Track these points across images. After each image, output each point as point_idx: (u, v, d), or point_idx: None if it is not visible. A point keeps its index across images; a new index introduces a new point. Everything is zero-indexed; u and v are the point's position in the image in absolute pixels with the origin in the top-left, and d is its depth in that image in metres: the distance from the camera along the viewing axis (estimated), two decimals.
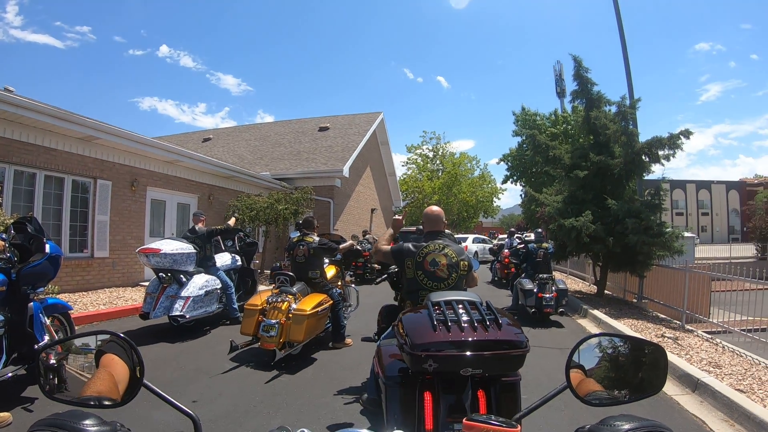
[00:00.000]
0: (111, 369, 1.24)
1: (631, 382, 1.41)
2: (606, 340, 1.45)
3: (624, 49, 13.18)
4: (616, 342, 1.45)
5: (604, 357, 1.43)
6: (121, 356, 1.26)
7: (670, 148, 11.68)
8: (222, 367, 6.24)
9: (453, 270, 3.89)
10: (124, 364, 1.25)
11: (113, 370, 1.23)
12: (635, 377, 1.41)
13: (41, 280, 5.13)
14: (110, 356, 1.26)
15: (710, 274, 9.42)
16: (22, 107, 9.32)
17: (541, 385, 5.45)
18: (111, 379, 1.21)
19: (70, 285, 10.61)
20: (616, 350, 1.44)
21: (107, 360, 1.26)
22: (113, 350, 1.27)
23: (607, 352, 1.44)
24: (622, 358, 1.44)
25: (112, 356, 1.26)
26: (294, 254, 7.41)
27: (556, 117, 41.28)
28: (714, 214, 62.69)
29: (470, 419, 1.10)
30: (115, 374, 1.23)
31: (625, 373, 1.42)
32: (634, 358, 1.44)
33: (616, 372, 1.43)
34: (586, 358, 1.42)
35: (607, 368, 1.42)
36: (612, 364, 1.43)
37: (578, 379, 1.39)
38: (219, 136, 31.93)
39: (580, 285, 16.54)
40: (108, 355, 1.26)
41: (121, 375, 1.23)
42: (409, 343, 2.32)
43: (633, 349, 1.45)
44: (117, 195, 12.32)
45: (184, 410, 1.22)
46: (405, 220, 4.72)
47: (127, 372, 1.24)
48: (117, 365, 1.24)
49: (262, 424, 4.45)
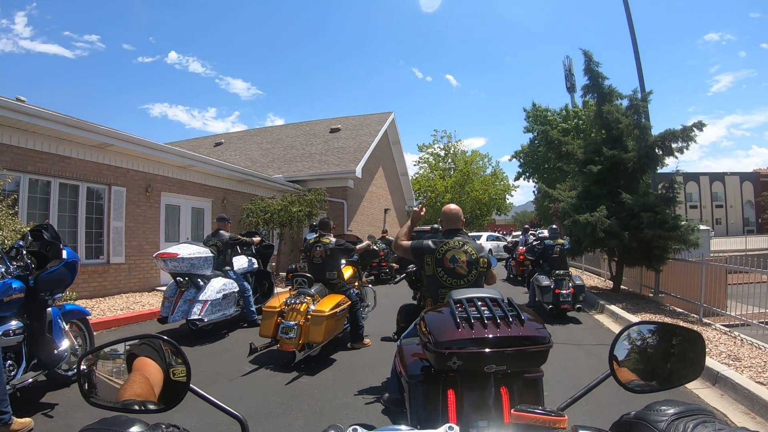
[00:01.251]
0: (145, 372, 1.23)
1: (670, 369, 1.41)
2: (645, 327, 1.46)
3: (634, 41, 13.11)
4: (655, 329, 1.46)
5: (643, 345, 1.44)
6: (154, 358, 1.26)
7: (684, 141, 11.63)
8: (241, 369, 6.26)
9: (473, 267, 3.90)
10: (158, 366, 1.25)
11: (147, 372, 1.23)
12: (673, 364, 1.42)
13: (59, 286, 5.15)
14: (143, 359, 1.26)
15: (726, 266, 9.36)
16: (35, 116, 9.40)
17: (560, 381, 5.45)
18: (146, 382, 1.21)
19: (86, 291, 10.68)
20: (656, 337, 1.45)
21: (140, 363, 1.25)
22: (145, 353, 1.27)
23: (645, 340, 1.44)
24: (659, 345, 1.44)
25: (145, 359, 1.26)
26: (311, 255, 7.42)
27: (567, 112, 41.27)
28: (728, 206, 62.30)
29: (518, 410, 1.11)
30: (149, 377, 1.23)
31: (664, 360, 1.43)
32: (673, 345, 1.44)
33: (655, 359, 1.43)
34: (625, 347, 1.43)
35: (646, 356, 1.43)
36: (651, 351, 1.43)
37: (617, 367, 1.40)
38: (231, 140, 32.04)
39: (596, 281, 16.49)
40: (141, 358, 1.26)
41: (155, 378, 1.23)
42: (432, 341, 2.32)
43: (671, 336, 1.46)
44: (132, 201, 12.39)
45: (232, 413, 1.22)
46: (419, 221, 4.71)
47: (161, 375, 1.24)
48: (150, 368, 1.24)
49: (284, 425, 4.47)
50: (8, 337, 4.54)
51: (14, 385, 4.51)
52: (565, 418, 1.08)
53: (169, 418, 1.06)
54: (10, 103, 9.10)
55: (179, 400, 1.23)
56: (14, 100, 9.35)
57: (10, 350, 4.58)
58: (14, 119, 9.12)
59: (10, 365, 4.54)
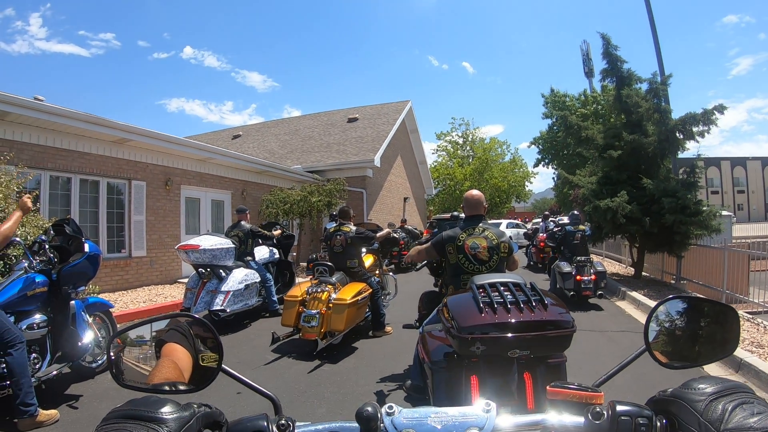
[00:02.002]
0: (173, 357, 1.23)
1: (706, 343, 1.40)
2: (679, 303, 1.44)
3: (652, 24, 12.97)
4: (690, 305, 1.45)
5: (679, 320, 1.42)
6: (182, 344, 1.26)
7: (705, 125, 11.49)
8: (264, 359, 6.30)
9: (494, 252, 3.90)
10: (186, 351, 1.24)
11: (176, 358, 1.22)
12: (709, 339, 1.41)
13: (81, 279, 5.20)
14: (171, 345, 1.25)
15: (749, 252, 9.26)
16: (54, 114, 9.50)
17: (581, 368, 5.42)
18: (175, 367, 1.21)
19: (109, 285, 10.79)
20: (690, 313, 1.43)
21: (169, 349, 1.25)
22: (173, 338, 1.26)
23: (681, 315, 1.43)
24: (696, 320, 1.43)
25: (173, 345, 1.25)
26: (331, 244, 7.45)
27: (586, 97, 40.86)
28: (750, 191, 61.50)
29: (554, 386, 1.11)
30: (178, 362, 1.23)
31: (699, 335, 1.42)
32: (707, 320, 1.43)
33: (691, 334, 1.42)
34: (662, 322, 1.42)
35: (681, 331, 1.42)
36: (686, 326, 1.42)
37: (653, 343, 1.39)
38: (248, 132, 32.16)
39: (617, 267, 16.38)
40: (169, 344, 1.25)
41: (184, 363, 1.22)
42: (455, 326, 2.33)
43: (706, 311, 1.45)
44: (152, 195, 12.49)
45: (265, 393, 1.23)
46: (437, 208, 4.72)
47: (190, 359, 1.23)
48: (178, 353, 1.23)
49: (307, 413, 4.49)
50: (32, 331, 4.60)
51: (39, 378, 4.56)
52: (602, 393, 1.08)
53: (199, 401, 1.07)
54: (29, 102, 9.19)
55: (211, 380, 1.23)
56: (32, 100, 9.44)
57: (35, 343, 4.65)
58: (33, 117, 9.20)
59: (34, 358, 4.61)
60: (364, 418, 0.98)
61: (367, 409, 0.98)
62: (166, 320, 1.30)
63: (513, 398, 2.33)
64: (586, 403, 1.07)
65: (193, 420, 0.97)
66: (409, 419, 1.01)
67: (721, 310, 1.44)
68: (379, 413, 0.99)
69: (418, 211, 32.00)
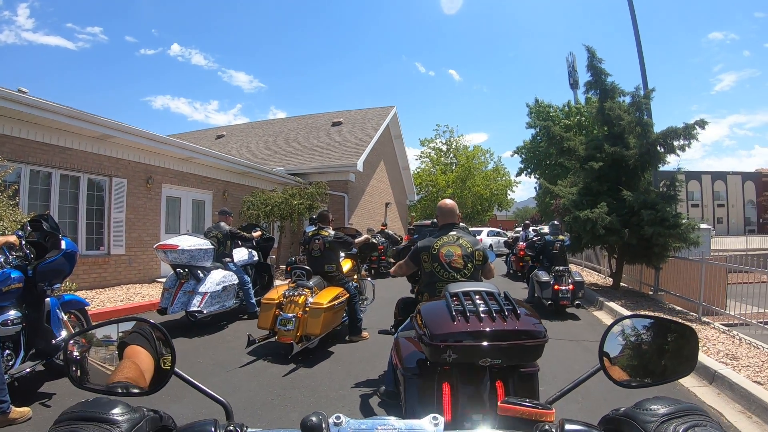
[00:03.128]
0: (135, 359, 1.23)
1: (662, 363, 1.40)
2: (638, 321, 1.45)
3: (637, 38, 13.09)
4: (647, 324, 1.45)
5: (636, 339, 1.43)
6: (144, 346, 1.26)
7: (686, 139, 11.60)
8: (239, 361, 6.27)
9: (468, 260, 3.91)
10: (149, 354, 1.25)
11: (138, 360, 1.23)
12: (666, 359, 1.41)
13: (57, 276, 5.15)
14: (134, 347, 1.26)
15: (727, 265, 9.35)
16: (37, 107, 9.39)
17: (557, 377, 5.46)
18: (137, 368, 1.21)
19: (86, 282, 10.71)
20: (647, 332, 1.43)
21: (131, 351, 1.25)
22: (136, 341, 1.26)
23: (638, 334, 1.43)
24: (652, 339, 1.43)
25: (136, 347, 1.26)
26: (310, 248, 7.44)
27: (570, 108, 41.25)
28: (730, 205, 62.27)
29: (505, 402, 1.11)
30: (140, 364, 1.23)
31: (656, 355, 1.42)
32: (664, 340, 1.43)
33: (648, 354, 1.42)
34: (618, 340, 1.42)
35: (638, 350, 1.42)
36: (643, 345, 1.42)
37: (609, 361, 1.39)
38: (232, 132, 32.03)
39: (596, 277, 16.49)
40: (132, 347, 1.26)
41: (146, 365, 1.23)
42: (428, 333, 2.34)
43: (663, 330, 1.45)
44: (132, 193, 12.39)
45: (216, 397, 1.23)
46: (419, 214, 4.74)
47: (152, 362, 1.24)
48: (141, 355, 1.24)
49: (280, 416, 4.48)
50: (6, 327, 4.55)
51: (12, 375, 4.52)
52: (553, 411, 1.08)
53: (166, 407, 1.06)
54: (12, 94, 9.09)
55: (164, 384, 1.23)
56: (16, 92, 9.35)
57: (9, 340, 4.59)
58: (16, 110, 9.10)
59: (8, 355, 4.55)
60: (308, 428, 0.98)
61: (311, 419, 0.98)
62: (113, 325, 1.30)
63: (485, 407, 2.33)
64: (536, 420, 1.07)
65: (143, 422, 0.97)
66: (355, 430, 1.01)
67: (679, 329, 1.44)
68: (324, 423, 0.99)
69: (399, 217, 32.04)
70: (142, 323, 1.30)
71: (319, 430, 0.98)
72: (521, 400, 1.11)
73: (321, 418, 0.99)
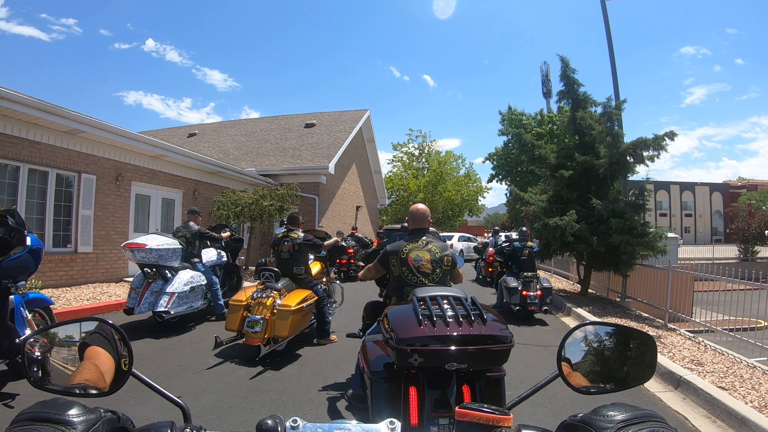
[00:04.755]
0: (96, 360, 1.23)
1: (621, 370, 1.42)
2: (597, 328, 1.46)
3: (611, 51, 13.26)
4: (607, 331, 1.46)
5: (595, 345, 1.44)
6: (105, 348, 1.26)
7: (655, 149, 11.75)
8: (206, 362, 6.22)
9: (437, 265, 3.92)
10: (109, 355, 1.25)
11: (98, 361, 1.23)
12: (625, 365, 1.42)
13: (22, 273, 5.08)
14: (94, 348, 1.26)
15: (693, 273, 9.52)
16: (5, 99, 9.20)
17: (524, 381, 5.50)
18: (97, 369, 1.21)
19: (53, 280, 10.55)
20: (607, 339, 1.45)
21: (92, 352, 1.25)
22: (97, 342, 1.26)
23: (597, 341, 1.44)
24: (612, 346, 1.45)
25: (97, 348, 1.25)
26: (279, 250, 7.40)
27: (542, 117, 41.58)
28: (697, 215, 63.39)
29: (463, 407, 1.11)
30: (100, 365, 1.22)
31: (615, 362, 1.43)
32: (624, 347, 1.45)
33: (607, 360, 1.43)
34: (577, 347, 1.43)
35: (598, 356, 1.43)
36: (603, 352, 1.44)
37: (569, 367, 1.40)
38: (205, 131, 31.81)
39: (564, 284, 16.63)
40: (92, 347, 1.26)
41: (106, 366, 1.23)
42: (394, 337, 2.33)
43: (622, 337, 1.46)
44: (101, 189, 12.23)
45: (174, 399, 1.22)
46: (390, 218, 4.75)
47: (112, 363, 1.24)
48: (101, 356, 1.24)
49: (247, 419, 4.45)
50: None
51: None
52: (510, 416, 1.09)
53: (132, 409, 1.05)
54: None
55: (121, 385, 1.22)
56: None
57: None
58: None
59: None
60: (264, 431, 0.97)
61: (267, 422, 0.98)
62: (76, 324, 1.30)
63: (451, 411, 2.34)
64: (493, 425, 1.07)
65: (99, 423, 0.96)
66: None
67: (638, 337, 1.46)
68: (280, 426, 0.99)
69: (370, 220, 32.05)
70: (102, 324, 1.30)
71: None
72: (480, 406, 1.11)
73: (277, 421, 0.99)
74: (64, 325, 1.31)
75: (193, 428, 1.05)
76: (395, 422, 1.02)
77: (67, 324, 1.30)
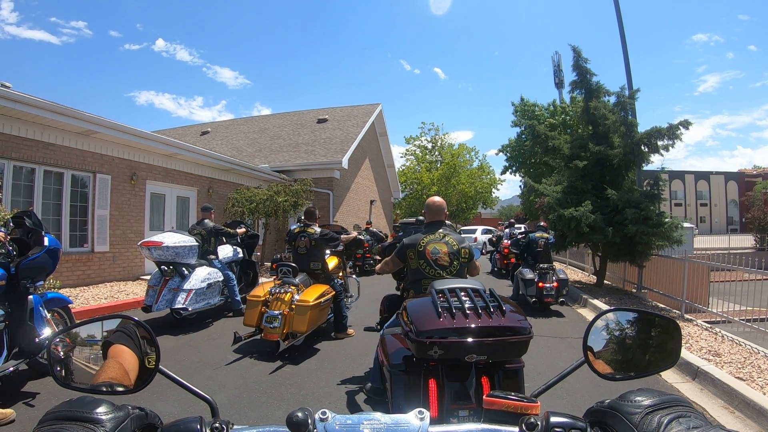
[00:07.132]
0: (120, 359, 1.23)
1: (647, 356, 1.41)
2: (621, 315, 1.46)
3: (623, 39, 13.16)
4: (631, 317, 1.45)
5: (620, 332, 1.43)
6: (129, 345, 1.26)
7: (669, 139, 11.67)
8: (225, 358, 6.26)
9: (455, 257, 3.93)
10: (133, 353, 1.25)
11: (122, 359, 1.23)
12: (650, 351, 1.42)
13: (40, 273, 5.10)
14: (118, 346, 1.26)
15: (709, 264, 9.42)
16: (20, 102, 9.28)
17: (541, 373, 5.49)
18: (121, 367, 1.21)
19: (71, 280, 10.64)
20: (631, 325, 1.44)
21: (115, 350, 1.25)
22: (120, 340, 1.26)
23: (620, 328, 1.44)
24: (637, 332, 1.44)
25: (120, 346, 1.26)
26: (296, 245, 7.42)
27: (555, 108, 41.21)
28: (713, 204, 62.71)
29: (491, 395, 1.12)
30: (124, 363, 1.23)
31: (640, 347, 1.42)
32: (649, 332, 1.44)
33: (632, 346, 1.43)
34: (602, 334, 1.43)
35: (623, 342, 1.43)
36: (628, 338, 1.43)
37: (592, 355, 1.40)
38: (217, 129, 31.89)
39: (580, 275, 16.57)
40: (116, 346, 1.26)
41: (130, 364, 1.23)
42: (414, 330, 2.34)
43: (647, 323, 1.45)
44: (116, 189, 12.31)
45: (201, 395, 1.22)
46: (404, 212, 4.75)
47: (136, 361, 1.24)
48: (125, 354, 1.24)
49: (267, 414, 4.48)
50: None
51: None
52: (538, 404, 1.10)
53: (152, 405, 1.06)
54: None
55: (148, 382, 1.23)
56: None
57: None
58: None
59: None
60: (294, 424, 0.98)
61: (297, 415, 0.99)
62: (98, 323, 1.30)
63: (470, 402, 2.35)
64: (521, 413, 1.08)
65: (127, 420, 0.97)
66: (342, 425, 1.02)
67: (662, 322, 1.45)
68: (310, 419, 0.99)
69: (384, 215, 32.03)
70: (126, 321, 1.31)
71: (305, 425, 0.98)
72: (506, 394, 1.12)
73: (307, 413, 1.00)
74: (87, 324, 1.32)
75: (221, 423, 1.06)
76: (424, 411, 1.03)
77: (91, 322, 1.32)
